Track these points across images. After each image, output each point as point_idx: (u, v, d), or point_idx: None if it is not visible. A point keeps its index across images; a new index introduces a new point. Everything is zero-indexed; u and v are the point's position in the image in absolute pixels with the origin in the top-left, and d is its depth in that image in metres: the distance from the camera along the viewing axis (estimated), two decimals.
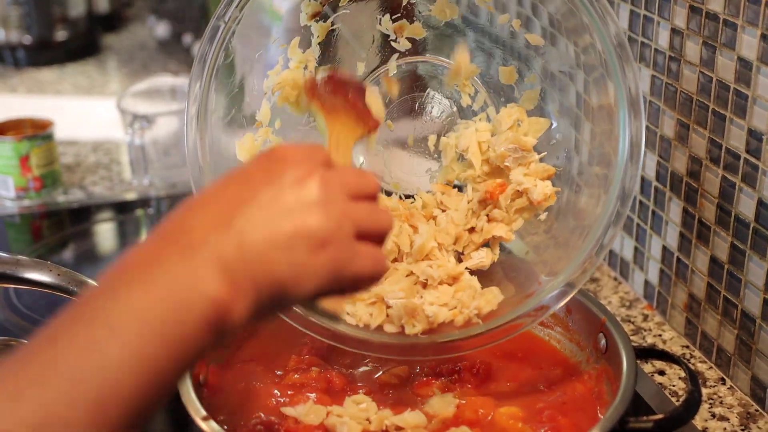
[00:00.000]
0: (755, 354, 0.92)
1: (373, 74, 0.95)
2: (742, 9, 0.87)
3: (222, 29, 0.86)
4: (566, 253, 0.89)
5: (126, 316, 0.55)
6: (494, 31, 0.94)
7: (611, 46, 0.83)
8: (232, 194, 0.62)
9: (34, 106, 1.72)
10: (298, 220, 0.61)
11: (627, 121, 0.84)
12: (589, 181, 0.91)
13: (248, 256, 0.59)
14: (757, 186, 0.88)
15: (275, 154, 0.65)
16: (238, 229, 0.59)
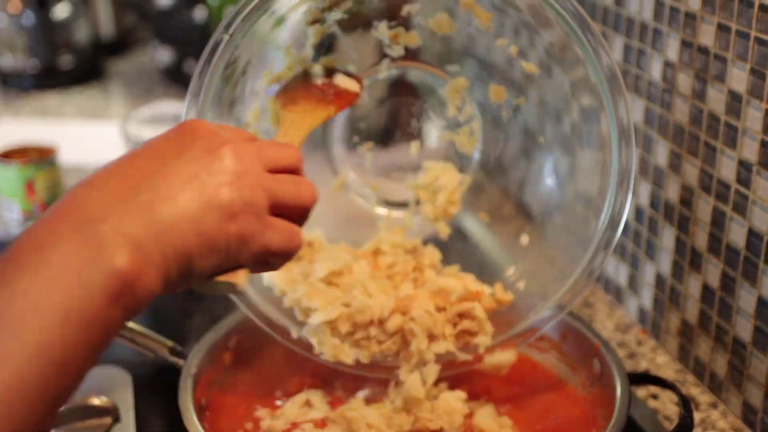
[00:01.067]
0: (747, 379, 0.94)
1: (366, 74, 0.97)
2: (732, 44, 0.89)
3: (224, 42, 0.86)
4: (557, 276, 0.91)
5: (20, 305, 0.51)
6: (491, 59, 0.96)
7: (603, 78, 0.85)
8: (138, 167, 0.59)
9: (39, 130, 1.75)
10: (208, 190, 0.59)
11: (618, 150, 0.86)
12: (580, 207, 0.93)
13: (155, 227, 0.56)
14: (747, 215, 0.91)
15: (186, 127, 0.62)
16: (143, 200, 0.56)
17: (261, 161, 0.63)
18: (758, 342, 0.91)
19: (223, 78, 0.85)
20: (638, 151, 1.09)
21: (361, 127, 1.00)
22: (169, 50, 1.99)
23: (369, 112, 0.99)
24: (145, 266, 0.55)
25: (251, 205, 0.60)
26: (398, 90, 0.99)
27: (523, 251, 0.97)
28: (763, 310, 0.90)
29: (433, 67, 0.96)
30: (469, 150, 0.98)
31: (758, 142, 0.87)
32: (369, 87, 0.97)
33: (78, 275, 0.53)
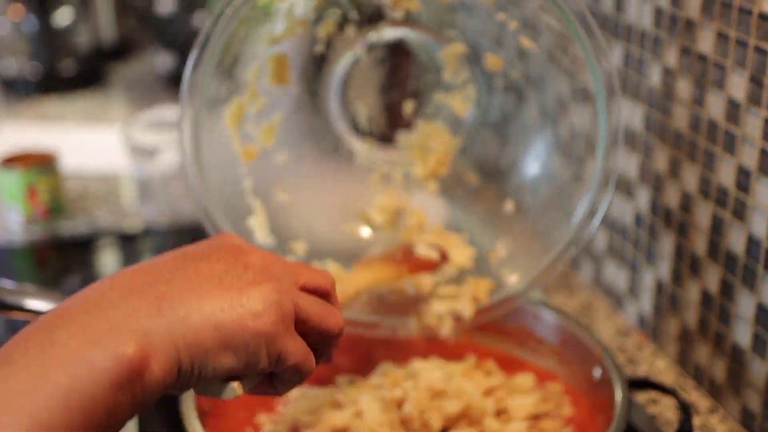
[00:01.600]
0: (746, 384, 0.94)
1: (362, 36, 0.98)
2: (731, 51, 0.90)
3: (223, 19, 0.87)
4: (541, 247, 0.94)
5: (20, 382, 0.49)
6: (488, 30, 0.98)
7: (600, 82, 0.86)
8: (160, 263, 0.59)
9: (41, 137, 1.75)
10: (230, 286, 0.58)
11: (604, 152, 0.88)
12: (567, 178, 0.94)
13: (168, 316, 0.54)
14: (746, 221, 0.91)
15: (221, 238, 0.63)
16: (159, 291, 0.56)
17: (292, 275, 0.62)
18: (757, 347, 0.92)
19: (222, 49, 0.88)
20: (638, 158, 1.09)
21: (358, 84, 1.00)
22: (170, 56, 2.00)
23: (367, 71, 1.00)
24: (154, 355, 0.53)
25: (276, 308, 0.59)
26: (397, 52, 1.00)
27: (508, 221, 0.98)
28: (762, 315, 0.90)
29: (432, 31, 0.98)
30: (462, 112, 0.99)
31: (757, 148, 0.88)
32: (368, 48, 0.98)
33: (83, 357, 0.51)
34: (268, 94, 0.96)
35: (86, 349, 0.51)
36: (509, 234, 0.99)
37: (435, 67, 0.99)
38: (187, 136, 0.90)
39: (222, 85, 0.93)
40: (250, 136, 0.96)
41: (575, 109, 0.94)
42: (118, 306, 0.54)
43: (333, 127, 1.02)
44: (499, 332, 1.02)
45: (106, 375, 0.50)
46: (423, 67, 1.00)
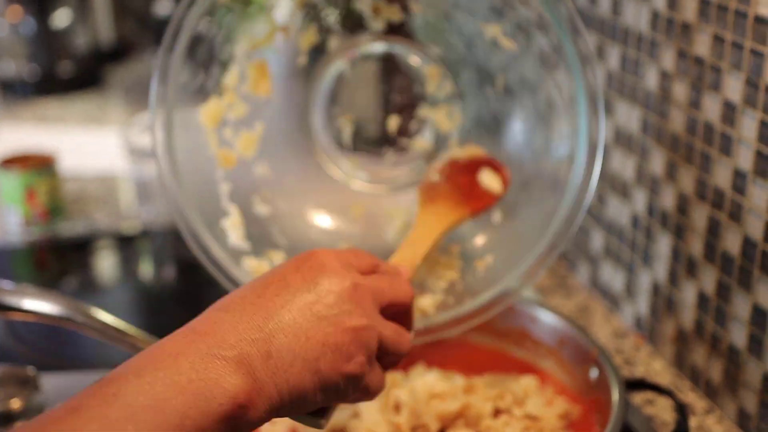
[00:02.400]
0: (742, 385, 0.95)
1: (346, 50, 0.98)
2: (727, 54, 0.90)
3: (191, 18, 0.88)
4: (524, 249, 0.93)
5: (146, 401, 0.55)
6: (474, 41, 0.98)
7: (585, 96, 0.87)
8: (270, 298, 0.64)
9: (39, 138, 1.76)
10: (329, 333, 0.64)
11: (587, 119, 0.88)
12: (551, 181, 0.95)
13: (273, 362, 0.61)
14: (742, 223, 0.92)
15: (315, 259, 0.68)
16: (267, 335, 0.61)
17: (377, 301, 0.68)
18: (753, 348, 0.92)
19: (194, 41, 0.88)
20: (634, 159, 1.10)
21: (343, 97, 1.01)
22: None
23: (351, 84, 1.00)
24: (258, 396, 0.59)
25: (366, 348, 0.66)
26: (381, 66, 1.01)
27: (493, 226, 0.98)
28: (758, 317, 0.91)
29: (416, 44, 0.98)
30: (447, 128, 1.00)
31: (753, 150, 0.89)
32: (353, 60, 0.99)
33: (201, 388, 0.57)
34: (250, 102, 0.96)
35: (205, 383, 0.57)
36: (498, 235, 0.99)
37: (419, 80, 0.99)
38: (159, 127, 0.89)
39: (198, 78, 0.92)
40: (229, 142, 0.96)
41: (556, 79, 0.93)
42: (233, 347, 0.60)
43: (316, 141, 1.02)
44: (496, 333, 1.03)
45: (217, 410, 0.57)
46: (408, 80, 1.00)
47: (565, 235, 0.90)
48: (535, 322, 1.00)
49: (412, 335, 0.74)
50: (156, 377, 0.57)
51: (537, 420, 0.90)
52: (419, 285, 0.96)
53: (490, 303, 0.94)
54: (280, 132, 1.00)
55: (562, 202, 0.90)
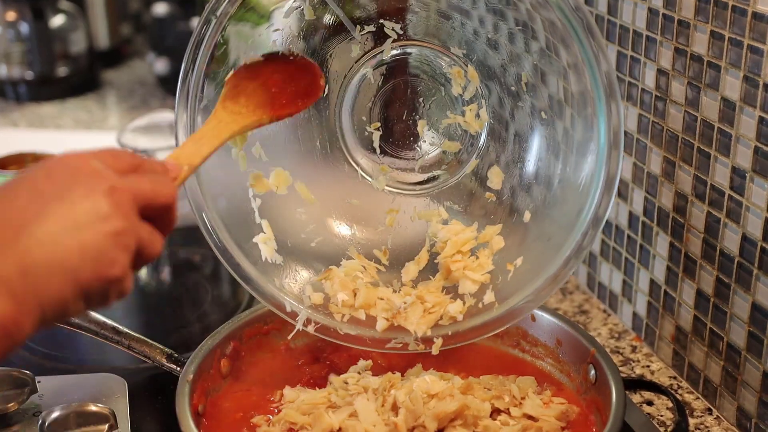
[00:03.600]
0: (741, 385, 0.94)
1: (368, 56, 0.98)
2: (726, 51, 0.90)
3: (214, 23, 0.87)
4: (552, 251, 0.93)
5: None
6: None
7: (600, 84, 0.86)
8: (19, 207, 0.62)
9: (35, 141, 1.75)
10: (85, 240, 0.62)
11: (606, 154, 0.88)
12: (574, 185, 0.94)
13: (31, 279, 0.59)
14: (741, 222, 0.91)
15: (66, 162, 0.65)
16: (22, 249, 0.59)
17: (136, 203, 0.66)
18: (752, 348, 0.92)
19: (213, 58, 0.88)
20: (632, 160, 1.09)
21: (366, 103, 1.00)
22: (166, 60, 2.00)
23: (375, 93, 1.00)
24: (22, 316, 0.59)
25: (126, 252, 0.64)
26: (404, 70, 1.00)
27: (523, 229, 0.98)
28: (757, 316, 0.90)
29: (437, 46, 0.98)
30: (475, 129, 0.99)
31: (751, 149, 0.88)
32: (375, 68, 0.98)
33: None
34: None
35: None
36: (528, 239, 0.98)
37: (444, 84, 0.99)
38: (182, 135, 0.90)
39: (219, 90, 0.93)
40: (257, 158, 0.96)
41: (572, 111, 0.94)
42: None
43: (344, 149, 1.01)
44: (494, 333, 1.02)
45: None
46: (432, 84, 0.99)
47: (592, 235, 0.90)
48: (533, 323, 1.00)
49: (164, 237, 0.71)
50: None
51: (535, 420, 0.89)
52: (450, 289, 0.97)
53: (519, 307, 0.94)
54: (306, 136, 1.00)
55: (586, 205, 0.90)
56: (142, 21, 2.43)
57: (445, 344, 0.95)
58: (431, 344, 0.95)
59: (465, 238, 0.98)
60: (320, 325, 0.95)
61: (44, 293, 0.60)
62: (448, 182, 1.01)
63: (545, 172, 0.97)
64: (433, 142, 1.00)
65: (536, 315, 0.99)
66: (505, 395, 0.92)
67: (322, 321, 0.95)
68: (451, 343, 0.95)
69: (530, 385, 0.94)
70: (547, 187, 0.97)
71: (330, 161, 1.01)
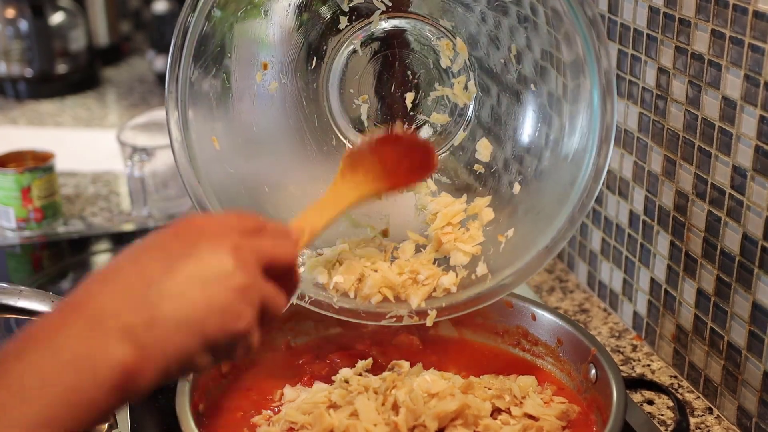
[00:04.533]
0: (741, 384, 0.94)
1: (357, 29, 0.98)
2: (726, 50, 0.90)
3: (200, 7, 0.88)
4: (543, 223, 0.94)
5: (32, 379, 0.56)
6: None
7: (585, 29, 0.86)
8: (148, 265, 0.63)
9: (35, 138, 1.75)
10: (211, 295, 0.63)
11: (596, 148, 0.88)
12: (567, 159, 0.94)
13: (158, 331, 0.60)
14: (742, 221, 0.91)
15: (192, 223, 0.67)
16: (150, 303, 0.61)
17: (259, 262, 0.67)
18: (753, 347, 0.92)
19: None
20: (633, 158, 1.09)
21: (356, 77, 1.00)
22: (165, 58, 1.99)
23: (364, 64, 1.00)
24: (146, 363, 0.59)
25: (251, 307, 0.65)
26: (392, 44, 1.00)
27: (514, 201, 0.98)
28: (758, 315, 0.90)
29: (425, 18, 0.98)
30: (463, 101, 0.99)
31: (752, 147, 0.88)
32: (363, 41, 0.99)
33: (86, 362, 0.57)
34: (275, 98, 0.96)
35: (90, 356, 0.58)
36: (519, 211, 0.99)
37: (432, 56, 0.99)
38: (175, 129, 0.90)
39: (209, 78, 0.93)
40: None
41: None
42: (114, 316, 0.59)
43: (332, 122, 1.01)
44: (495, 332, 1.02)
45: (105, 381, 0.57)
46: (420, 57, 1.00)
47: (583, 209, 0.90)
48: (533, 322, 1.00)
49: (293, 298, 0.74)
50: (38, 356, 0.57)
51: (536, 420, 0.89)
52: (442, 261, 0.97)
53: (511, 279, 0.94)
54: (298, 115, 1.01)
55: (579, 176, 0.90)
56: (142, 18, 2.43)
57: (439, 315, 0.96)
58: (425, 316, 0.96)
59: (455, 210, 0.99)
60: (314, 299, 0.96)
61: (169, 344, 0.61)
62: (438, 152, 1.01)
63: (536, 142, 0.97)
64: (421, 114, 1.00)
65: (537, 314, 0.99)
66: (505, 394, 0.92)
67: (316, 296, 0.96)
68: (445, 314, 0.96)
69: (531, 384, 0.94)
70: (538, 159, 0.98)
71: (318, 134, 1.02)
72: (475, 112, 1.00)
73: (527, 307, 1.00)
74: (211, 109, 0.95)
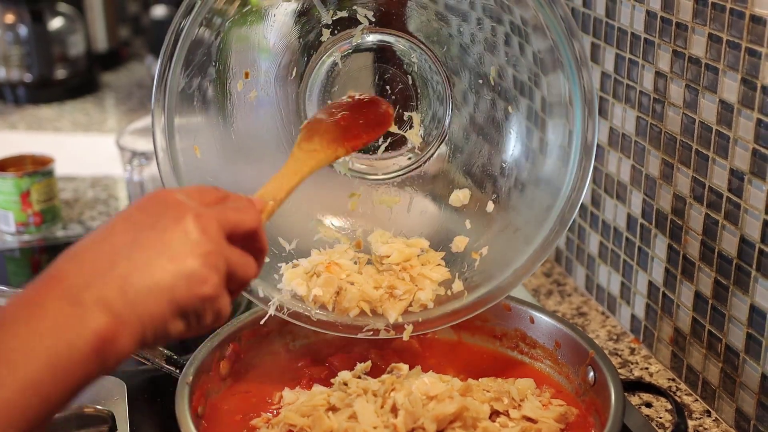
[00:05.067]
0: (739, 387, 0.94)
1: (339, 42, 0.99)
2: (724, 54, 0.90)
3: (198, 6, 0.88)
4: (520, 243, 0.95)
5: (15, 345, 0.59)
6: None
7: (567, 46, 0.88)
8: (115, 239, 0.66)
9: (34, 143, 1.75)
10: (178, 260, 0.65)
11: (581, 123, 0.90)
12: (546, 179, 0.96)
13: (131, 298, 0.63)
14: (740, 223, 0.91)
15: (157, 196, 0.69)
16: (120, 273, 0.63)
17: (222, 229, 0.69)
18: (751, 349, 0.92)
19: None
20: (630, 162, 1.10)
21: (336, 91, 1.01)
22: None
23: (344, 78, 1.00)
24: (122, 330, 0.62)
25: (216, 271, 0.68)
26: (373, 57, 1.01)
27: (488, 219, 0.99)
28: (756, 317, 0.91)
29: (409, 36, 0.98)
30: (441, 113, 1.00)
31: (750, 151, 0.88)
32: (344, 54, 0.99)
33: (66, 330, 0.61)
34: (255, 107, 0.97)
35: (68, 324, 0.61)
36: (494, 229, 1.00)
37: (413, 73, 0.99)
38: (160, 136, 0.90)
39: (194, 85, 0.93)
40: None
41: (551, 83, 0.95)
42: (87, 288, 0.62)
43: None
44: (493, 335, 1.02)
45: (84, 347, 0.60)
46: (399, 74, 1.00)
47: (560, 232, 0.92)
48: (532, 325, 1.00)
49: (260, 264, 0.74)
50: (18, 327, 0.60)
51: (534, 422, 0.89)
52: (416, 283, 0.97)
53: (487, 296, 0.95)
54: (280, 127, 1.01)
55: (557, 201, 0.92)
56: (141, 23, 2.43)
57: (415, 330, 0.96)
58: (402, 330, 0.96)
59: (408, 254, 0.99)
60: (293, 311, 0.96)
61: (143, 311, 0.63)
62: (411, 169, 1.03)
63: (512, 160, 0.98)
64: (398, 128, 1.01)
65: (535, 317, 1.00)
66: (504, 397, 0.92)
67: (295, 307, 0.96)
68: (421, 329, 0.97)
69: (529, 387, 0.94)
70: (516, 176, 0.98)
71: (293, 142, 1.02)
72: (454, 124, 1.01)
73: (525, 310, 1.01)
74: (194, 117, 0.95)
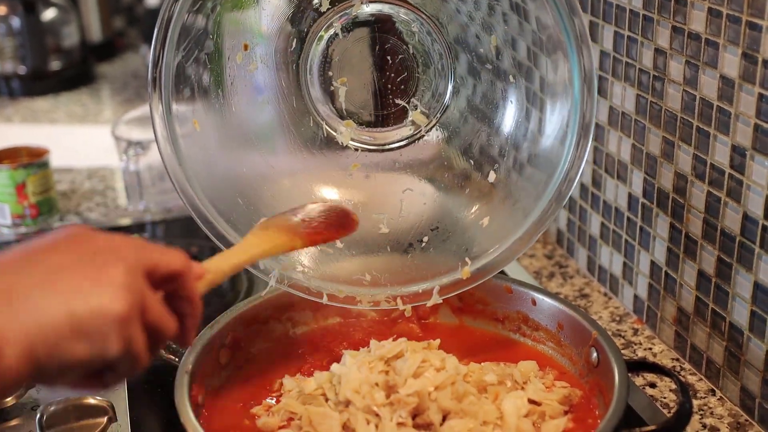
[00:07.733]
0: (744, 365, 0.94)
1: (338, 12, 0.98)
2: (724, 29, 0.89)
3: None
4: (519, 214, 0.96)
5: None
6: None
7: (568, 25, 0.88)
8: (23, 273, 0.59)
9: (30, 136, 1.74)
10: (77, 272, 0.59)
11: (580, 97, 0.90)
12: (545, 152, 0.97)
13: (15, 306, 0.57)
14: (742, 200, 0.90)
15: (82, 235, 0.63)
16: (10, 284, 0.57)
17: (140, 261, 0.62)
18: (755, 327, 0.91)
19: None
20: (630, 141, 1.09)
21: (337, 64, 1.00)
22: None
23: (344, 49, 0.99)
24: (7, 344, 0.55)
25: (128, 291, 0.60)
26: (373, 27, 1.00)
27: (488, 190, 0.99)
28: (760, 294, 0.90)
29: (409, 5, 0.98)
30: (442, 88, 1.00)
31: (752, 126, 0.87)
32: (345, 26, 0.98)
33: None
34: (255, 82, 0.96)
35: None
36: (491, 208, 1.00)
37: (412, 43, 0.99)
38: (160, 123, 0.90)
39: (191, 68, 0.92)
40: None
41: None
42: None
43: (314, 111, 1.01)
44: (495, 318, 1.02)
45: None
46: (400, 44, 0.99)
47: (557, 206, 0.93)
48: (534, 307, 0.99)
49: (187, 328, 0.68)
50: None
51: (538, 404, 0.88)
52: None
53: (486, 268, 0.97)
54: (285, 106, 1.00)
55: (554, 177, 0.92)
56: (135, 13, 2.42)
57: (413, 301, 0.98)
58: None
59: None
60: (294, 282, 0.96)
61: (31, 321, 0.56)
62: (413, 139, 1.02)
63: (514, 135, 0.98)
64: (399, 98, 1.00)
65: (537, 299, 0.99)
66: (507, 380, 0.91)
67: (295, 278, 0.96)
68: (419, 300, 0.98)
69: (532, 369, 0.93)
70: (516, 149, 0.98)
71: (295, 116, 1.01)
72: (454, 100, 1.00)
73: (527, 293, 1.00)
74: (194, 100, 0.95)
